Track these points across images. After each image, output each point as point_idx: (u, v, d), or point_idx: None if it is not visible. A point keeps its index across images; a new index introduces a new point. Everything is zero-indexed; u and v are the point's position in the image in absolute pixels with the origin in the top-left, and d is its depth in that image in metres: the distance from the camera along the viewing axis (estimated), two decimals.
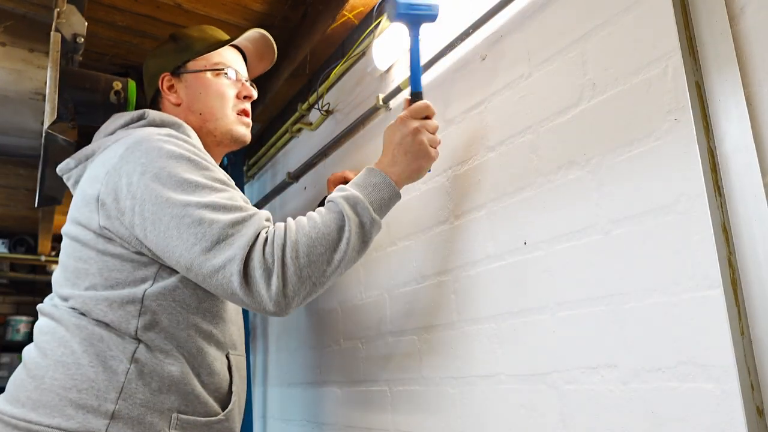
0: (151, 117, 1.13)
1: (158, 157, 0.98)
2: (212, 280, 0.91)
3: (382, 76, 1.50)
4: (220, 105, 1.21)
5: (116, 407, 0.92)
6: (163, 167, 0.97)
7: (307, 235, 0.93)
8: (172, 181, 0.95)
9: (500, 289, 1.06)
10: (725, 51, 0.76)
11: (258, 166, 2.27)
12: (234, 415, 1.07)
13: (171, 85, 1.22)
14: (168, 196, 0.94)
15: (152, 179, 0.96)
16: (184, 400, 0.98)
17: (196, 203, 0.93)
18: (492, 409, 1.05)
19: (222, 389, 1.06)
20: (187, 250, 0.91)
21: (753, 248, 0.71)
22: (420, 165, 1.05)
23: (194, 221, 0.92)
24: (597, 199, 0.90)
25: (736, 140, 0.74)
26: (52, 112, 1.12)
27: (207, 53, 1.23)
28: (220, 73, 1.22)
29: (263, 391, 2.11)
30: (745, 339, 0.71)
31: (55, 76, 1.15)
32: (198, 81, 1.21)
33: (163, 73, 1.22)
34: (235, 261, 0.89)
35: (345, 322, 1.57)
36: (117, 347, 0.96)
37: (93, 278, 1.00)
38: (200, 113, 1.20)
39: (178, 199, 0.94)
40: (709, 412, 0.72)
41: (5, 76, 1.24)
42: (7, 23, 1.25)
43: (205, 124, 1.20)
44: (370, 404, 1.40)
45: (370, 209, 0.98)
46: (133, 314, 0.97)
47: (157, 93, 1.24)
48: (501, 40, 1.12)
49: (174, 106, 1.22)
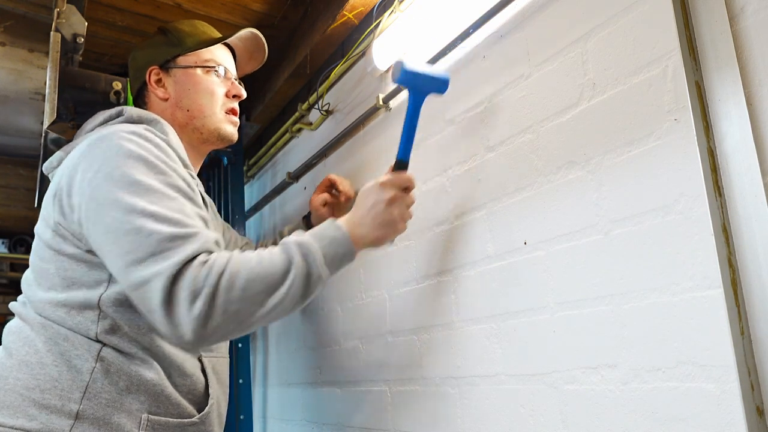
0: (129, 113, 1.10)
1: (115, 156, 0.93)
2: (135, 292, 0.87)
3: (382, 76, 1.50)
4: (209, 102, 1.18)
5: (80, 407, 0.90)
6: (118, 166, 0.92)
7: (250, 270, 0.87)
8: (123, 182, 0.91)
9: (500, 289, 1.06)
10: (725, 51, 0.76)
11: (258, 166, 2.27)
12: (212, 418, 1.04)
13: (159, 78, 1.18)
14: (115, 197, 0.90)
15: (104, 178, 0.92)
16: (154, 400, 0.95)
17: (141, 210, 0.88)
18: (492, 409, 1.05)
19: (196, 391, 1.02)
20: (120, 257, 0.87)
21: (753, 248, 0.71)
22: (385, 234, 1.03)
23: (133, 229, 0.87)
24: (597, 199, 0.90)
25: (736, 140, 0.74)
26: (52, 112, 1.12)
27: (198, 49, 1.20)
28: (210, 70, 1.19)
29: (263, 391, 2.11)
30: (745, 339, 0.71)
31: (55, 76, 1.15)
32: (187, 77, 1.18)
33: (151, 66, 1.18)
34: (162, 276, 0.83)
35: (345, 322, 1.57)
36: (82, 346, 0.93)
37: (52, 278, 0.97)
38: (188, 109, 1.17)
39: (124, 201, 0.89)
40: (709, 412, 0.72)
41: (5, 76, 1.24)
42: (7, 23, 1.25)
43: (192, 121, 1.17)
44: (370, 404, 1.40)
45: (319, 261, 0.92)
46: (92, 320, 0.94)
47: (143, 86, 1.20)
48: (501, 40, 1.12)
49: (161, 100, 1.18)
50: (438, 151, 1.26)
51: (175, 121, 1.16)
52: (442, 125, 1.26)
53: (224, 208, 2.03)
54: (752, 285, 0.71)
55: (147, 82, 1.19)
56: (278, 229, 1.69)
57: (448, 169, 1.23)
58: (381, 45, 1.44)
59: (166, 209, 0.89)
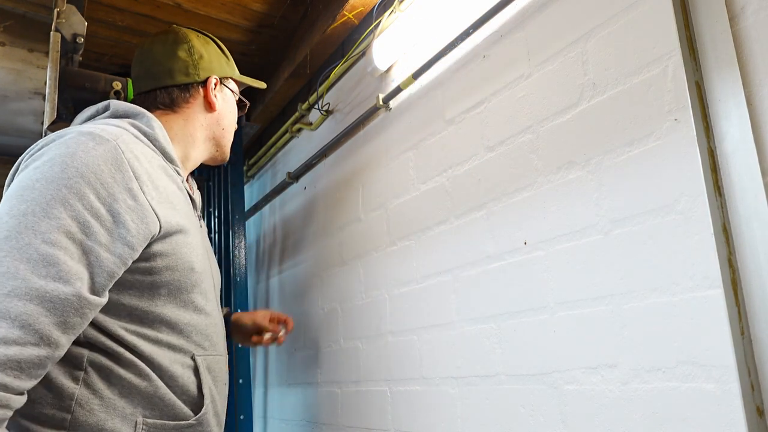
0: (114, 108, 1.06)
1: (49, 168, 0.84)
2: None
3: (382, 76, 1.50)
4: (233, 129, 1.26)
5: (71, 417, 0.88)
6: (45, 176, 0.82)
7: None
8: (35, 195, 0.81)
9: (500, 289, 1.06)
10: (725, 51, 0.76)
11: (258, 166, 2.28)
12: (208, 418, 1.02)
13: (214, 89, 1.19)
14: (15, 209, 0.80)
15: (26, 178, 0.83)
16: (148, 403, 0.94)
17: (29, 240, 0.77)
18: (492, 409, 1.05)
19: (190, 392, 1.01)
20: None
21: (753, 248, 0.71)
22: None
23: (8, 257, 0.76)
24: (597, 199, 0.90)
25: (736, 140, 0.74)
26: (52, 112, 1.12)
27: (240, 80, 1.29)
28: (237, 101, 1.28)
29: (263, 391, 2.11)
30: (745, 339, 0.71)
31: (55, 76, 1.15)
32: (230, 100, 1.25)
33: (213, 73, 1.20)
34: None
35: (345, 322, 1.57)
36: (69, 353, 0.89)
37: None
38: (224, 128, 1.23)
39: (18, 220, 0.78)
40: (709, 412, 0.72)
41: (5, 76, 1.24)
42: (6, 23, 1.25)
43: (221, 140, 1.21)
44: (370, 404, 1.40)
45: None
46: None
47: (191, 86, 1.16)
48: (501, 40, 1.12)
49: (207, 108, 1.18)
50: (438, 151, 1.26)
51: (206, 131, 1.18)
52: (442, 125, 1.26)
53: (224, 207, 2.03)
54: (752, 285, 0.71)
55: (204, 85, 1.18)
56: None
57: (448, 169, 1.23)
58: (381, 45, 1.44)
59: (51, 260, 0.78)
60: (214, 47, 1.25)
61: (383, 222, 1.43)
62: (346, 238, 1.60)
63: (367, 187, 1.53)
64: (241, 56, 2.02)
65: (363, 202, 1.54)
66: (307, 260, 1.80)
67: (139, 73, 1.19)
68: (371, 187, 1.50)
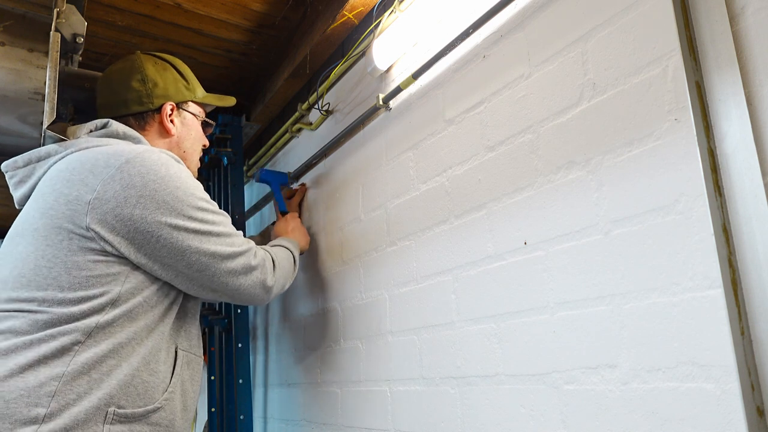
0: (114, 128, 1.15)
1: (174, 192, 1.07)
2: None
3: (382, 76, 1.50)
4: (197, 150, 1.34)
5: (48, 410, 0.89)
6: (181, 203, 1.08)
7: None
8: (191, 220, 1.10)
9: (500, 289, 1.06)
10: (725, 51, 0.76)
11: (258, 166, 2.27)
12: (174, 405, 1.05)
13: (170, 115, 1.28)
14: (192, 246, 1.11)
15: (172, 223, 1.06)
16: (124, 393, 0.96)
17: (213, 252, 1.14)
18: (492, 409, 1.05)
19: (165, 384, 1.04)
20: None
21: (753, 248, 0.71)
22: (307, 240, 1.69)
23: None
24: (597, 199, 0.90)
25: (736, 140, 0.74)
26: (52, 112, 1.12)
27: (203, 102, 1.36)
28: (202, 122, 1.35)
29: (263, 391, 2.11)
30: (745, 339, 0.71)
31: (55, 76, 1.15)
32: (191, 123, 1.32)
33: (169, 100, 1.28)
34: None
35: (345, 322, 1.57)
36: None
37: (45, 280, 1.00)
38: (184, 151, 1.30)
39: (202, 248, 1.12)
40: (709, 412, 0.72)
41: (5, 76, 1.24)
42: (6, 23, 1.25)
43: (184, 161, 1.26)
44: (370, 404, 1.40)
45: (297, 255, 1.56)
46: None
47: (148, 113, 1.26)
48: (501, 40, 1.12)
49: (164, 134, 1.27)
50: (438, 151, 1.26)
51: None
52: (442, 125, 1.26)
53: (224, 207, 2.03)
54: (752, 285, 0.71)
55: (159, 113, 1.27)
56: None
57: (448, 169, 1.23)
58: (381, 45, 1.44)
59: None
60: (172, 72, 1.33)
61: (383, 222, 1.44)
62: (346, 238, 1.60)
63: (367, 187, 1.53)
64: (241, 56, 2.02)
65: (363, 202, 1.54)
66: (307, 260, 1.80)
67: (101, 102, 1.28)
68: (371, 187, 1.50)
